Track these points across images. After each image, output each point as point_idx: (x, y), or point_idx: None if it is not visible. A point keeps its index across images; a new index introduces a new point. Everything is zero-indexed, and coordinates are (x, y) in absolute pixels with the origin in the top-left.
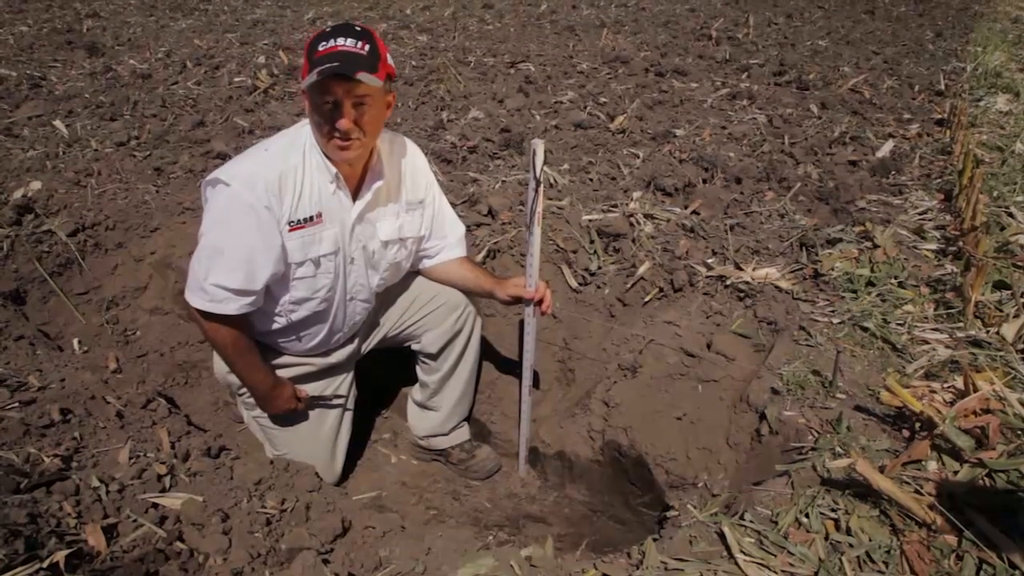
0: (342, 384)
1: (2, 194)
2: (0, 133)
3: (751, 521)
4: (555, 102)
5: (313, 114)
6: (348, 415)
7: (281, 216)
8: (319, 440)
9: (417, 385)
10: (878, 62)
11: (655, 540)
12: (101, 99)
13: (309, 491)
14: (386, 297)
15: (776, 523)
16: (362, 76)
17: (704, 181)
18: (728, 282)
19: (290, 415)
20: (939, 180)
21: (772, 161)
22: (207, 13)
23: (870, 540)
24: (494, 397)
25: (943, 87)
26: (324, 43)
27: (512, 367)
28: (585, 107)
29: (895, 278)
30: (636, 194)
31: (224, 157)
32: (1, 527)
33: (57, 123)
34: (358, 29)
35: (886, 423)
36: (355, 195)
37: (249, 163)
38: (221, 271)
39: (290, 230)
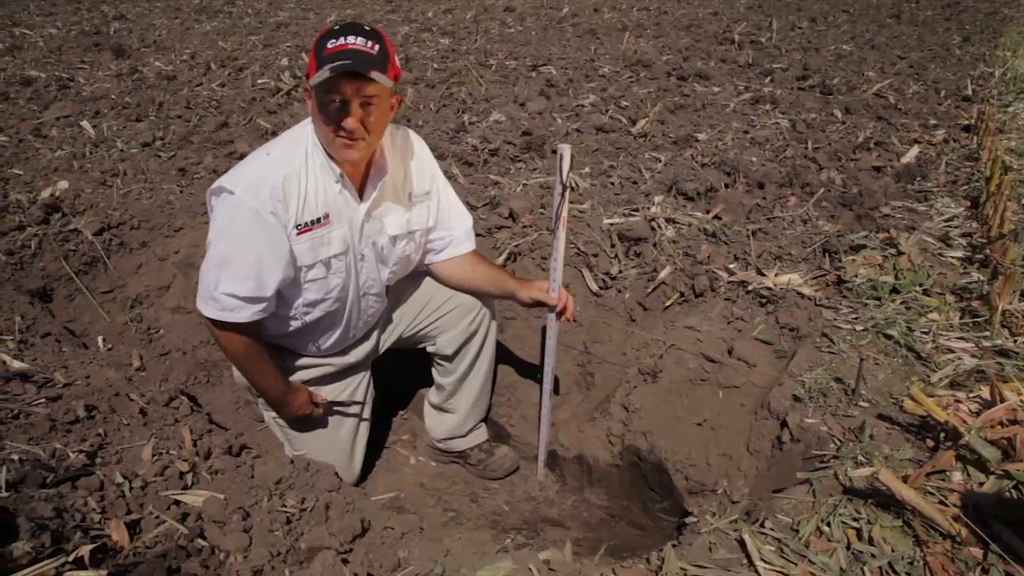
0: (360, 384)
1: (31, 193)
2: (29, 133)
3: (771, 529)
4: (576, 105)
5: (318, 113)
6: (366, 416)
7: (288, 220)
8: (337, 442)
9: (433, 388)
10: (903, 67)
11: (674, 546)
12: (127, 100)
13: (329, 491)
14: (400, 293)
15: (797, 531)
16: (375, 75)
17: (726, 186)
18: (750, 288)
19: (308, 419)
20: (966, 187)
21: (795, 166)
22: (231, 16)
23: (893, 550)
24: (513, 400)
25: (970, 92)
26: (333, 41)
27: (532, 370)
28: (607, 111)
29: (920, 285)
30: (658, 198)
31: None
32: (28, 521)
33: (84, 124)
34: (367, 29)
35: (910, 432)
36: (361, 193)
37: (252, 169)
38: (231, 280)
39: (298, 233)
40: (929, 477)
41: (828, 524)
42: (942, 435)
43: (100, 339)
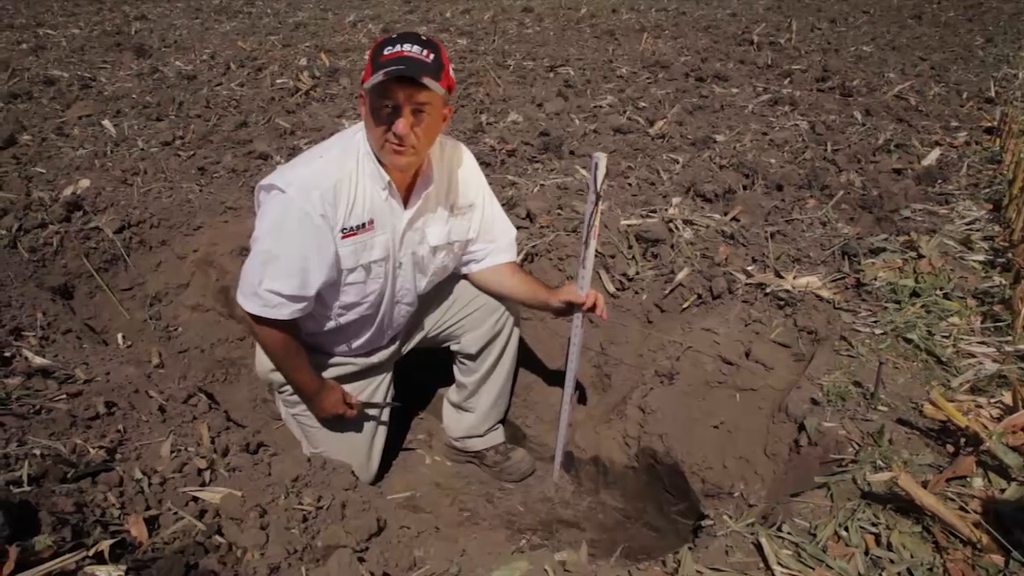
0: (381, 384)
1: (53, 191)
2: (52, 132)
3: (789, 533)
4: (594, 106)
5: (370, 117)
6: (385, 417)
7: (335, 224)
8: (355, 441)
9: (454, 386)
10: (925, 68)
11: (691, 549)
12: (148, 100)
13: (345, 489)
14: (428, 299)
15: (814, 536)
16: (427, 81)
17: (745, 188)
18: (768, 290)
19: (340, 418)
20: (988, 190)
21: (814, 168)
22: (251, 16)
23: (912, 556)
24: (530, 401)
25: (993, 94)
26: (390, 48)
27: (548, 372)
28: (624, 112)
29: (940, 289)
30: (675, 200)
31: (266, 157)
32: (49, 515)
33: (106, 123)
34: (424, 39)
35: (929, 437)
36: (406, 201)
37: (305, 170)
38: (276, 277)
39: (343, 237)
40: (949, 483)
41: (846, 529)
42: (962, 440)
43: (120, 336)
